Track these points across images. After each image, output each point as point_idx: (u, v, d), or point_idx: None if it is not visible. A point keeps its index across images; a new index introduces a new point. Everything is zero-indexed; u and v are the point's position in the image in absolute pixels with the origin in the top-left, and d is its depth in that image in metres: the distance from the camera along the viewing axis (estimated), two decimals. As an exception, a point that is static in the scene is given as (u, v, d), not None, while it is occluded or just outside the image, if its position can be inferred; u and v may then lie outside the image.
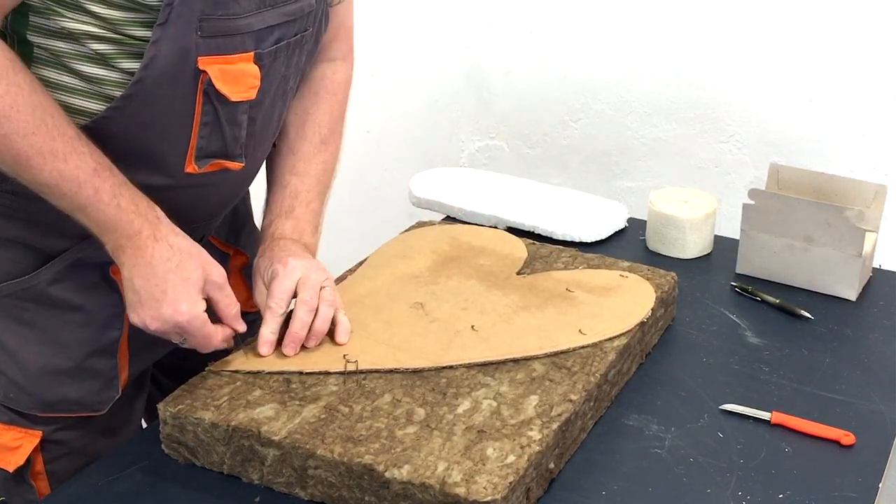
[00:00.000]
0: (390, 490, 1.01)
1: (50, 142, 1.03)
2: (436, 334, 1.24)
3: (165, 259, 1.09)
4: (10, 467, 1.18)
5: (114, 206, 1.07)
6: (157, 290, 1.09)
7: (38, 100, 1.03)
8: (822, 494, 1.08)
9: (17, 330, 1.18)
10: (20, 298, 1.17)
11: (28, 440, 1.19)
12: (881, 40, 2.11)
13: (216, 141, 1.16)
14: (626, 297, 1.33)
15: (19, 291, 1.17)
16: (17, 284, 1.16)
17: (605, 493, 1.08)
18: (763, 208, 1.51)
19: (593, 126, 2.49)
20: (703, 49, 2.29)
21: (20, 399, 1.19)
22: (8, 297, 1.17)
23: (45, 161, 1.03)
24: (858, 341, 1.38)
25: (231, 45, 1.11)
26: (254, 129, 1.20)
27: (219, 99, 1.13)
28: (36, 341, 1.18)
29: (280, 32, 1.17)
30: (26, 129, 1.01)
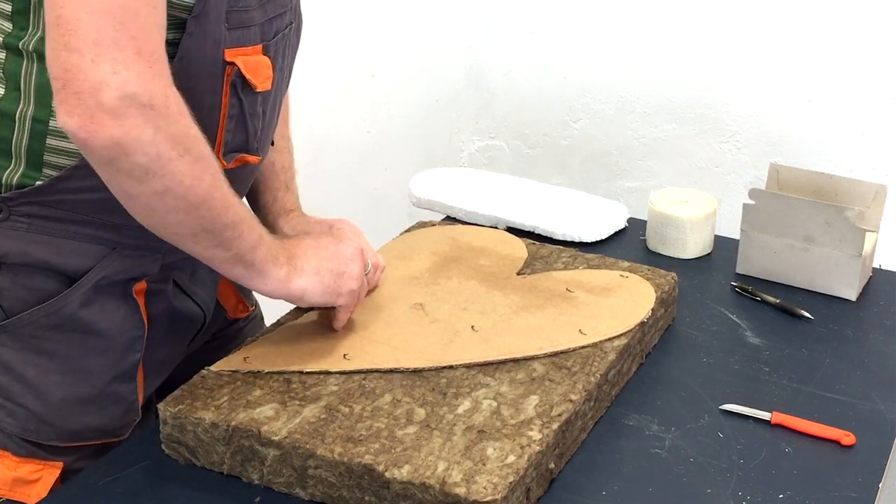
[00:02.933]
0: (390, 490, 1.01)
1: (214, 176, 1.04)
2: (436, 334, 1.24)
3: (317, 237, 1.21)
4: (32, 500, 1.15)
5: (262, 224, 1.13)
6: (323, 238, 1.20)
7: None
8: (822, 494, 1.08)
9: (36, 361, 1.14)
10: (41, 327, 1.13)
11: (48, 472, 1.16)
12: (881, 40, 2.11)
13: (240, 134, 1.17)
14: (627, 297, 1.33)
15: (41, 319, 1.12)
16: (39, 312, 1.12)
17: (606, 493, 1.08)
18: (763, 208, 1.51)
19: (593, 126, 2.49)
20: (703, 49, 2.29)
21: (41, 431, 1.15)
22: (28, 326, 1.12)
23: (227, 195, 1.05)
24: (858, 341, 1.38)
25: (248, 36, 1.12)
26: (264, 123, 1.21)
27: (244, 90, 1.14)
28: (57, 371, 1.14)
29: (277, 24, 1.17)
30: (218, 165, 1.04)
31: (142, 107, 0.94)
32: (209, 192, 1.02)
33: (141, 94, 0.94)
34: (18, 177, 1.09)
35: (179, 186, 0.99)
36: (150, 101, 0.95)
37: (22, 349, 1.13)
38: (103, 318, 1.15)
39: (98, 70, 0.92)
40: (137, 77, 0.94)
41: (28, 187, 1.09)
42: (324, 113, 1.42)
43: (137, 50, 0.94)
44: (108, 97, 0.93)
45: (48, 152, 1.08)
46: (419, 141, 2.57)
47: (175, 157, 0.98)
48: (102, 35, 0.92)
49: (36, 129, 1.07)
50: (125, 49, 0.93)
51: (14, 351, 1.13)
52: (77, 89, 0.93)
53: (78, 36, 0.92)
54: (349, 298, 1.20)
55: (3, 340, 1.13)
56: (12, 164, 1.09)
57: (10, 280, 1.11)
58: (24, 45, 1.05)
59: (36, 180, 1.09)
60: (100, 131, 0.94)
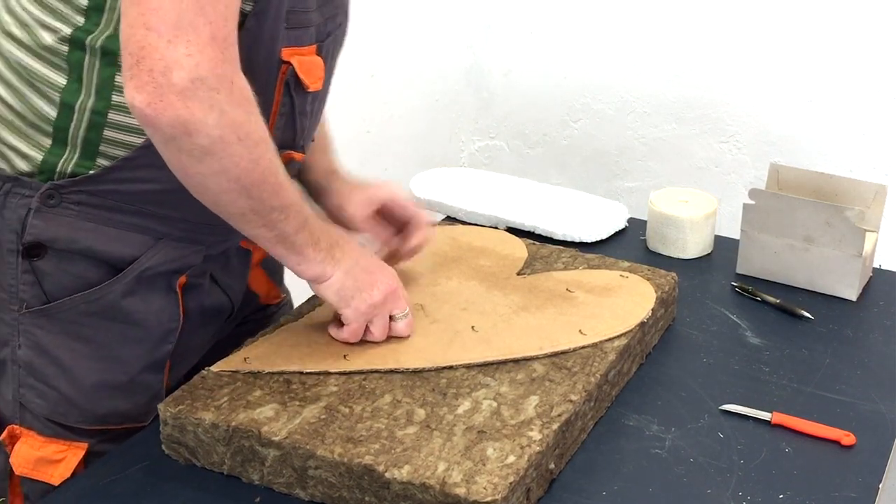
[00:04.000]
0: (390, 490, 1.01)
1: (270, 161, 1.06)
2: (436, 335, 1.24)
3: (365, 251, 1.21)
4: (55, 480, 1.17)
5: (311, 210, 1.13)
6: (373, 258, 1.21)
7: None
8: (822, 494, 1.08)
9: (72, 346, 1.16)
10: (81, 313, 1.15)
11: (73, 453, 1.18)
12: (881, 40, 2.11)
13: (289, 132, 1.20)
14: (627, 297, 1.33)
15: (81, 305, 1.15)
16: (80, 298, 1.15)
17: (606, 493, 1.08)
18: (763, 208, 1.51)
19: (593, 126, 2.49)
20: (703, 49, 2.29)
21: (69, 413, 1.18)
22: (68, 311, 1.15)
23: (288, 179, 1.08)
24: (858, 341, 1.38)
25: (304, 37, 1.15)
26: (311, 121, 1.24)
27: (296, 90, 1.16)
28: (91, 357, 1.17)
29: (330, 25, 1.21)
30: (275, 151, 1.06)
31: (209, 90, 0.97)
32: (263, 176, 1.04)
33: (210, 77, 0.97)
34: (73, 165, 1.12)
35: (235, 169, 1.02)
36: (217, 85, 0.98)
37: (59, 333, 1.16)
38: (143, 309, 1.17)
39: (173, 51, 0.95)
40: (209, 61, 0.97)
41: (81, 176, 1.12)
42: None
43: (212, 35, 0.97)
44: (179, 78, 0.96)
45: (104, 143, 1.11)
46: (419, 141, 2.57)
47: (235, 140, 1.00)
48: (182, 18, 0.95)
49: (94, 121, 1.10)
50: (201, 33, 0.96)
51: (51, 334, 1.16)
52: (150, 67, 0.96)
53: (158, 16, 0.95)
54: (354, 315, 1.18)
55: (42, 323, 1.16)
56: (67, 153, 1.12)
57: (55, 265, 1.14)
58: (91, 40, 1.08)
59: (89, 169, 1.12)
60: (167, 110, 0.97)
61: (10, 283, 1.15)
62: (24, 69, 1.11)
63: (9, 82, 1.13)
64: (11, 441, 1.20)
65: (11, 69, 1.12)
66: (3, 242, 1.14)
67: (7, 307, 1.16)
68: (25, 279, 1.14)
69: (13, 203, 1.13)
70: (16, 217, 1.13)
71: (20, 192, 1.12)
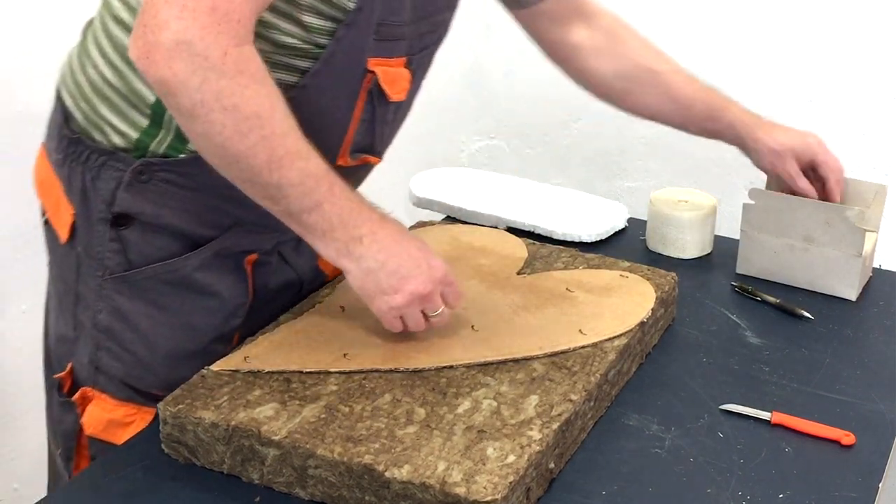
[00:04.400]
0: (390, 490, 1.01)
1: (297, 142, 1.07)
2: (436, 334, 1.23)
3: (401, 231, 1.16)
4: (120, 441, 1.22)
5: (348, 200, 1.12)
6: (418, 256, 1.15)
7: (285, 104, 1.07)
8: (822, 494, 1.08)
9: (150, 312, 1.23)
10: (161, 282, 1.22)
11: (141, 417, 1.24)
12: (881, 40, 2.11)
13: (367, 138, 1.24)
14: (627, 297, 1.33)
15: (162, 274, 1.21)
16: (161, 267, 1.21)
17: (605, 493, 1.08)
18: (763, 208, 1.51)
19: (593, 126, 2.49)
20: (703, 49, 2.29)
21: (143, 378, 1.24)
22: (149, 279, 1.22)
23: (294, 161, 1.07)
24: (858, 341, 1.38)
25: (394, 49, 1.20)
26: (391, 129, 1.29)
27: (379, 98, 1.21)
28: (167, 324, 1.23)
29: (426, 40, 1.26)
30: (283, 130, 1.06)
31: (193, 55, 0.99)
32: (251, 150, 1.05)
33: (197, 43, 0.99)
34: (165, 147, 1.18)
35: (218, 136, 1.04)
36: (203, 52, 0.99)
37: (139, 300, 1.23)
38: (215, 282, 1.24)
39: (167, 11, 0.98)
40: (200, 28, 0.99)
41: (172, 158, 1.18)
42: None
43: (213, 6, 0.99)
44: (166, 37, 0.98)
45: None
46: (419, 141, 2.57)
47: (217, 108, 1.02)
48: None
49: None
50: (201, 4, 0.99)
51: (131, 301, 1.23)
52: (145, 22, 1.00)
53: None
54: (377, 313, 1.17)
55: (123, 290, 1.22)
56: (161, 135, 1.18)
57: (139, 236, 1.21)
58: None
59: (180, 153, 1.18)
60: (152, 67, 1.00)
61: (97, 249, 1.22)
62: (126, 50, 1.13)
63: (113, 63, 1.18)
64: (83, 403, 1.26)
65: (117, 51, 1.18)
66: (94, 212, 1.21)
67: (92, 273, 1.23)
68: (112, 247, 1.21)
69: (106, 175, 1.19)
70: (107, 188, 1.19)
71: (114, 166, 1.19)
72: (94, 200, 1.20)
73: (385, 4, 1.15)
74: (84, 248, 1.23)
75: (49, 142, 1.27)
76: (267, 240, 1.28)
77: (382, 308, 1.16)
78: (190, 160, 1.17)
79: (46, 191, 1.28)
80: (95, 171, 1.19)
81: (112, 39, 1.19)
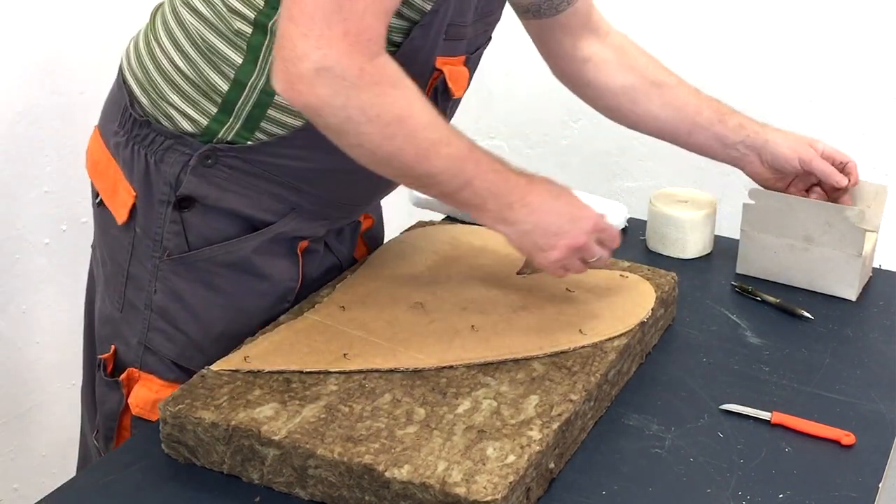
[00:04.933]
0: (390, 490, 1.01)
1: (438, 131, 1.12)
2: (436, 334, 1.24)
3: (549, 190, 1.22)
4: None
5: (494, 172, 1.17)
6: (567, 212, 1.22)
7: (423, 97, 1.12)
8: (822, 494, 1.08)
9: (204, 294, 1.26)
10: (216, 263, 1.25)
11: None
12: (881, 40, 2.11)
13: None
14: (627, 297, 1.33)
15: (220, 255, 1.24)
16: (219, 249, 1.24)
17: (605, 493, 1.08)
18: (763, 208, 1.51)
19: (593, 126, 2.49)
20: (703, 49, 2.29)
21: (195, 358, 1.25)
22: (205, 261, 1.24)
23: (439, 149, 1.12)
24: (858, 341, 1.38)
25: (458, 48, 1.26)
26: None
27: (443, 95, 1.26)
28: (220, 306, 1.26)
29: (481, 39, 1.31)
30: (423, 124, 1.11)
31: (333, 78, 1.04)
32: (400, 150, 1.10)
33: (335, 67, 1.04)
34: (233, 134, 1.21)
35: (369, 144, 1.09)
36: (342, 74, 1.04)
37: (194, 281, 1.25)
38: (270, 265, 1.28)
39: (305, 43, 1.03)
40: (336, 53, 1.04)
41: (238, 145, 1.21)
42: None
43: (345, 31, 1.04)
44: (306, 68, 1.04)
45: (266, 120, 1.20)
46: (419, 141, 2.57)
47: (364, 121, 1.07)
48: (319, 13, 1.03)
49: (262, 100, 1.19)
50: (334, 28, 1.03)
51: (187, 281, 1.25)
52: (285, 56, 1.05)
53: (300, 9, 1.04)
54: (539, 266, 1.25)
55: (180, 271, 1.25)
56: (230, 122, 1.21)
57: (201, 218, 1.23)
58: (272, 24, 1.16)
59: (247, 140, 1.21)
60: (297, 96, 1.06)
61: (155, 231, 1.24)
62: (203, 42, 1.20)
63: (185, 52, 1.21)
64: (129, 383, 1.28)
65: (190, 40, 1.21)
66: (156, 194, 1.23)
67: (149, 254, 1.25)
68: (172, 228, 1.23)
69: (171, 158, 1.22)
70: (172, 171, 1.22)
71: (180, 150, 1.22)
72: (157, 183, 1.23)
73: (456, 6, 1.20)
74: (143, 230, 1.25)
75: (107, 124, 1.29)
76: (321, 227, 1.32)
77: (543, 263, 1.23)
78: (256, 147, 1.21)
79: (101, 173, 1.30)
80: (160, 155, 1.22)
81: (185, 28, 1.21)
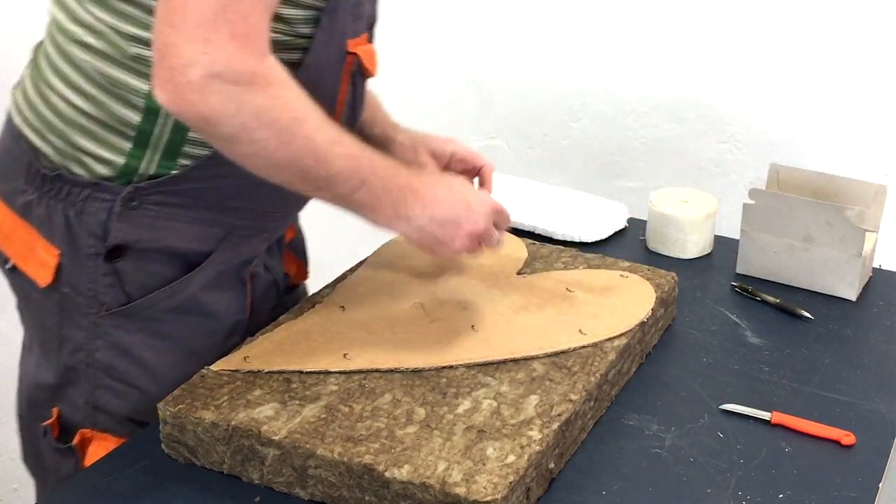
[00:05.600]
0: (390, 490, 1.01)
1: (331, 130, 1.08)
2: (436, 334, 1.24)
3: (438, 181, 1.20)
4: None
5: (385, 167, 1.13)
6: (461, 199, 1.18)
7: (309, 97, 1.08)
8: (822, 494, 1.08)
9: (153, 343, 1.20)
10: (161, 310, 1.19)
11: None
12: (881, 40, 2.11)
13: (352, 119, 1.24)
14: (627, 297, 1.33)
15: (162, 302, 1.18)
16: (161, 294, 1.18)
17: (605, 493, 1.08)
18: (763, 208, 1.51)
19: (593, 126, 2.49)
20: (704, 49, 2.29)
21: (150, 411, 1.18)
22: (149, 309, 1.18)
23: (335, 149, 1.08)
24: (858, 341, 1.38)
25: (361, 27, 1.20)
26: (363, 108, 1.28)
27: (359, 77, 1.22)
28: (171, 352, 1.21)
29: (375, 13, 1.26)
30: (317, 124, 1.07)
31: (225, 83, 0.99)
32: (297, 154, 1.06)
33: (226, 72, 0.99)
34: (155, 167, 1.15)
35: (264, 151, 1.05)
36: (234, 79, 1.00)
37: (140, 332, 1.19)
38: (216, 301, 1.23)
39: (191, 49, 0.98)
40: (226, 57, 0.99)
41: (162, 177, 1.15)
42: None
43: (231, 32, 0.99)
44: (195, 75, 0.98)
45: (188, 144, 1.14)
46: (419, 141, 2.57)
47: (258, 126, 1.03)
48: (202, 17, 0.98)
49: (179, 124, 1.13)
50: (220, 31, 0.99)
51: (132, 334, 1.19)
52: (170, 65, 0.99)
53: (181, 14, 0.98)
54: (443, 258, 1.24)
55: (122, 323, 1.19)
56: (148, 155, 1.14)
57: (134, 265, 1.17)
58: None
59: (171, 170, 1.15)
60: (187, 106, 1.00)
61: (88, 287, 1.17)
62: (101, 76, 1.13)
63: (83, 91, 1.14)
64: (83, 445, 1.22)
65: (86, 77, 1.14)
66: (83, 248, 1.16)
67: (84, 312, 1.18)
68: (106, 281, 1.16)
69: (93, 208, 1.15)
70: (96, 222, 1.15)
71: (100, 197, 1.15)
72: (82, 236, 1.16)
73: None
74: (73, 288, 1.18)
75: (7, 184, 1.20)
76: (260, 243, 1.26)
77: (446, 254, 1.20)
78: (182, 175, 1.15)
79: (7, 237, 1.22)
80: (80, 206, 1.15)
81: (76, 65, 1.14)
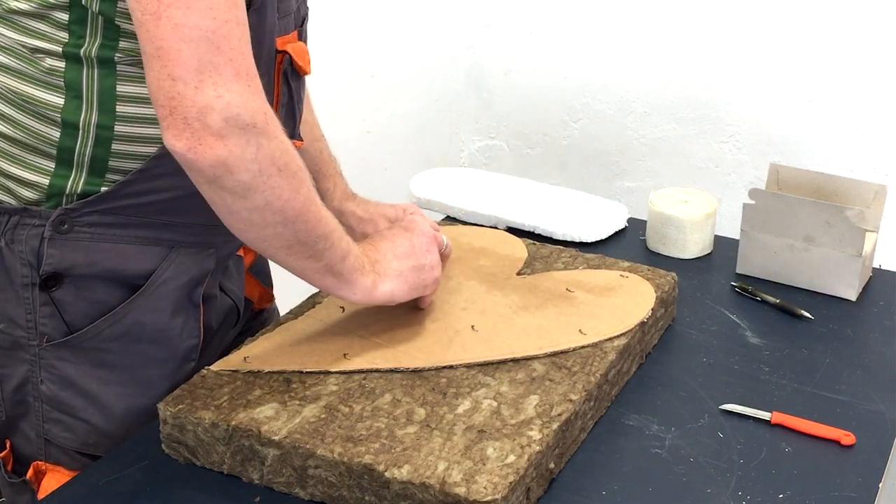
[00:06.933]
0: (390, 490, 1.01)
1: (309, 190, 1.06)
2: (436, 334, 1.24)
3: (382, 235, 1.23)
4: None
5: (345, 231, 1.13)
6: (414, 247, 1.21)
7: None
8: (822, 494, 1.08)
9: (98, 374, 1.15)
10: (105, 339, 1.14)
11: None
12: (881, 40, 2.11)
13: (290, 121, 1.20)
14: (627, 297, 1.33)
15: (105, 330, 1.13)
16: (103, 323, 1.13)
17: (605, 493, 1.08)
18: (763, 208, 1.51)
19: (593, 126, 2.49)
20: (703, 49, 2.29)
21: (100, 444, 1.16)
22: (92, 339, 1.14)
23: (319, 208, 1.07)
24: (858, 341, 1.38)
25: (289, 24, 1.16)
26: (302, 108, 1.24)
27: (293, 77, 1.18)
28: (118, 383, 1.16)
29: (303, 9, 1.22)
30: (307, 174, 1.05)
31: (244, 126, 0.97)
32: (305, 206, 1.04)
33: (243, 113, 0.97)
34: (82, 185, 1.10)
35: (278, 201, 1.02)
36: (251, 121, 0.98)
37: (84, 362, 1.14)
38: (165, 327, 1.16)
39: (202, 95, 0.96)
40: (239, 97, 0.97)
41: (92, 195, 1.10)
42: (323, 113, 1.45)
43: (235, 71, 0.97)
44: (214, 120, 0.96)
45: (114, 158, 1.09)
46: (419, 141, 2.57)
47: (275, 172, 1.00)
48: (202, 62, 0.95)
49: (101, 136, 1.08)
50: (224, 72, 0.96)
51: (76, 365, 1.14)
52: (184, 115, 0.96)
53: (180, 65, 0.95)
54: (433, 287, 1.25)
55: (65, 355, 1.14)
56: (74, 173, 1.10)
57: (73, 294, 1.12)
58: (85, 52, 1.06)
59: (100, 187, 1.10)
60: (207, 152, 0.97)
61: (26, 318, 1.12)
62: (13, 94, 1.09)
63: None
64: (38, 478, 1.18)
65: (1, 98, 1.10)
66: (16, 277, 1.11)
67: (25, 344, 1.14)
68: (44, 312, 1.12)
69: (23, 235, 1.10)
70: (28, 249, 1.10)
71: (29, 223, 1.10)
72: (14, 266, 1.11)
73: None
74: (10, 321, 1.13)
75: None
76: (206, 259, 1.19)
77: (434, 275, 1.23)
78: (113, 192, 1.09)
79: None
80: (9, 235, 1.10)
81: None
